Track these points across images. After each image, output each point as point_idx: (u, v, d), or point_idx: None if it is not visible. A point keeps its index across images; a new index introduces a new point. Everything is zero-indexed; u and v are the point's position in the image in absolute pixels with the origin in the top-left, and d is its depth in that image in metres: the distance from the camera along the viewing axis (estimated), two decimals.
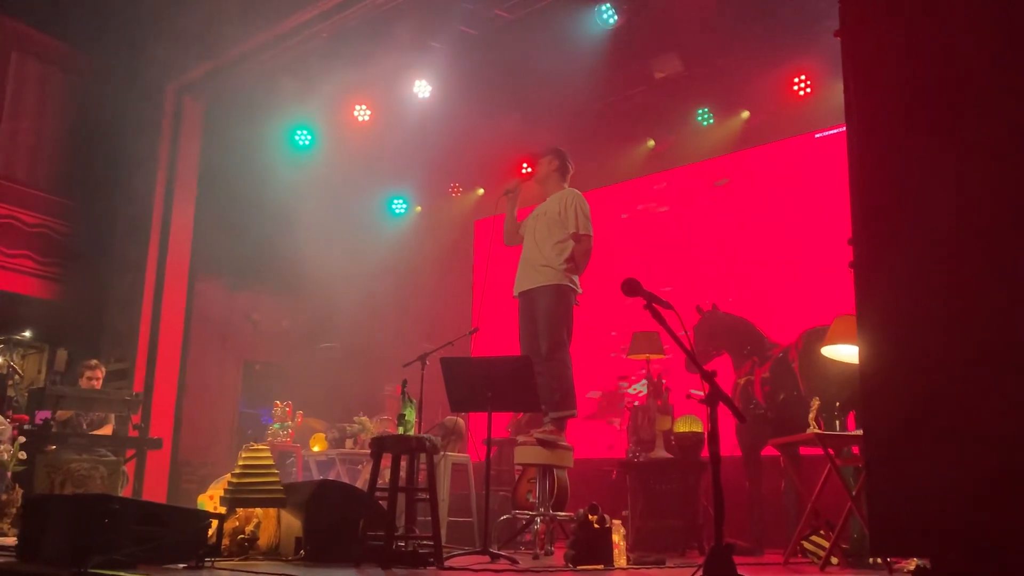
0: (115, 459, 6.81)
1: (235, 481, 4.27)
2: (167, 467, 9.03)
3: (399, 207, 11.27)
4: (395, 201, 11.24)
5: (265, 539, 4.28)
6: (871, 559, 4.46)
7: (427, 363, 5.62)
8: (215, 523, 3.86)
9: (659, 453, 6.12)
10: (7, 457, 5.85)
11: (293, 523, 4.30)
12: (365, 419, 7.66)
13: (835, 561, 4.49)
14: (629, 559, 4.37)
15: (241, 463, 4.34)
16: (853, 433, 4.70)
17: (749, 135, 8.54)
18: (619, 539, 4.24)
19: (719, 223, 8.56)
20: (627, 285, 2.84)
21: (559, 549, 4.95)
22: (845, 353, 4.68)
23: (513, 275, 5.79)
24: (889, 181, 2.03)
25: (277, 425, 7.96)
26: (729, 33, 7.98)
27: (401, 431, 4.29)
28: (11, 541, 4.48)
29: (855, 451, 4.78)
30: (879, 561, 4.36)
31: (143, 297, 9.28)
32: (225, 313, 10.43)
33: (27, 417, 6.63)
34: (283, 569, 3.51)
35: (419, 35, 8.33)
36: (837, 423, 4.86)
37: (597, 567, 4.06)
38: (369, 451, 4.40)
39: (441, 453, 5.93)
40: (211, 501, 5.15)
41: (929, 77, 2.00)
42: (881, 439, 1.94)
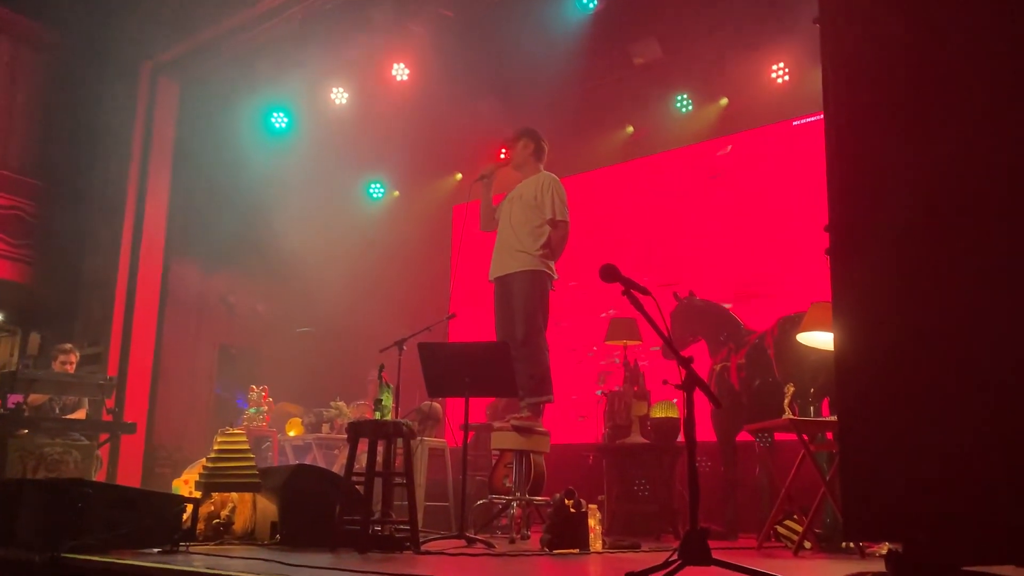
0: (89, 443, 6.76)
1: (210, 466, 4.25)
2: (141, 452, 8.97)
3: (376, 191, 11.22)
4: (372, 185, 11.19)
5: (240, 524, 4.27)
6: (844, 543, 4.51)
7: (404, 348, 5.60)
8: (190, 508, 3.84)
9: (635, 438, 6.15)
10: None
11: (269, 508, 4.29)
12: (342, 404, 7.65)
13: (808, 545, 4.53)
14: (605, 543, 4.39)
15: (216, 447, 4.32)
16: (827, 419, 4.74)
17: (727, 122, 8.56)
18: (595, 523, 4.27)
19: (697, 210, 8.59)
20: (605, 271, 2.84)
21: (535, 533, 4.97)
22: (820, 340, 4.71)
23: (489, 260, 5.78)
24: (866, 169, 2.04)
25: (253, 410, 7.92)
26: (708, 20, 7.99)
27: (378, 416, 4.28)
28: None
29: (829, 437, 4.82)
30: (851, 545, 4.41)
31: (117, 280, 9.19)
32: (200, 296, 10.35)
33: None
34: (258, 554, 3.50)
35: (397, 17, 8.27)
36: (812, 409, 4.91)
37: (573, 551, 4.08)
38: (346, 436, 4.39)
39: (418, 438, 5.93)
40: (186, 486, 5.13)
41: (906, 65, 2.01)
42: (854, 425, 1.96)
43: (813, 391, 4.97)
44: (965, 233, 1.84)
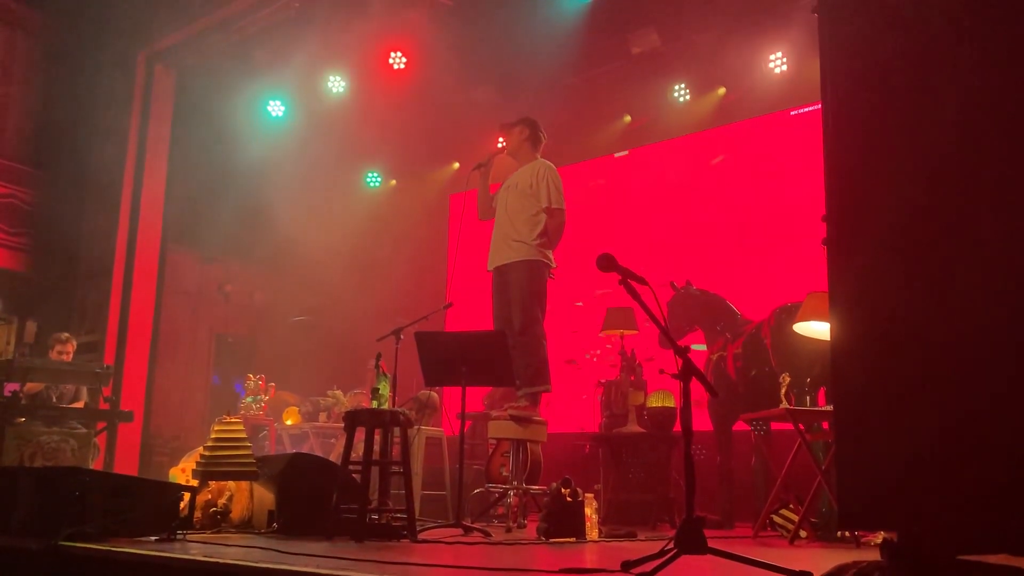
0: (86, 432, 6.76)
1: (207, 454, 4.25)
2: (138, 440, 8.98)
3: (373, 180, 11.20)
4: (369, 174, 11.17)
5: (237, 512, 4.27)
6: (839, 532, 4.53)
7: (401, 337, 5.60)
8: (187, 496, 3.85)
9: (632, 427, 6.16)
10: None
11: (266, 496, 4.29)
12: (339, 393, 7.65)
13: (804, 534, 4.55)
14: (601, 532, 4.41)
15: (214, 436, 4.33)
16: (823, 408, 4.75)
17: (725, 111, 8.55)
18: (591, 512, 4.28)
19: (694, 199, 8.59)
20: (602, 260, 2.84)
21: (532, 522, 4.99)
22: (817, 330, 4.72)
23: (487, 249, 5.77)
24: (864, 159, 2.04)
25: (250, 398, 7.93)
26: (706, 9, 7.97)
27: (375, 405, 4.29)
28: None
29: (825, 426, 4.84)
30: (847, 535, 4.43)
31: (114, 268, 9.18)
32: (197, 285, 10.36)
33: None
34: (255, 542, 3.51)
35: (394, 5, 8.24)
36: (808, 399, 4.92)
37: (569, 540, 4.09)
38: (343, 424, 4.40)
39: (415, 427, 5.94)
40: (183, 474, 5.13)
41: (906, 55, 2.01)
42: (850, 414, 1.96)
43: (809, 381, 4.98)
44: (963, 224, 1.84)
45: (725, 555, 2.47)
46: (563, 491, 4.19)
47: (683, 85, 8.72)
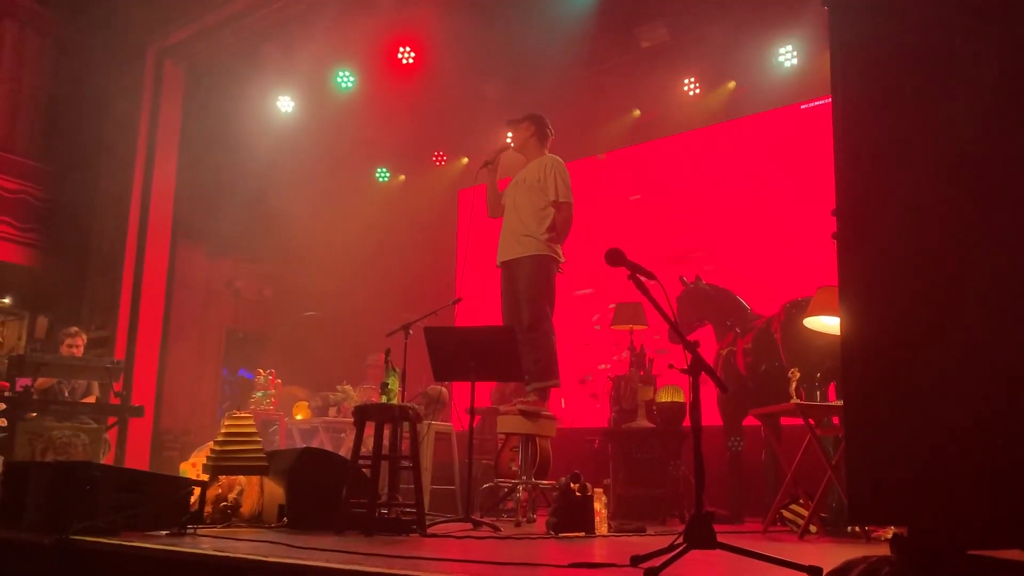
0: (97, 427, 6.80)
1: (218, 449, 4.27)
2: (149, 435, 9.01)
3: (382, 175, 11.20)
4: (378, 169, 11.17)
5: (248, 506, 4.29)
6: (849, 528, 4.52)
7: (410, 332, 5.61)
8: (197, 490, 3.86)
9: (641, 422, 6.16)
10: None
11: (276, 490, 4.31)
12: (348, 387, 7.67)
13: (814, 530, 4.54)
14: (610, 527, 4.41)
15: (224, 431, 4.34)
16: (833, 404, 4.74)
17: (735, 105, 8.52)
18: (600, 507, 4.28)
19: (704, 194, 8.56)
20: (611, 255, 2.84)
21: (541, 517, 4.99)
22: (827, 324, 4.71)
23: (496, 244, 5.78)
24: (874, 153, 2.03)
25: (260, 393, 7.96)
26: (716, 2, 7.93)
27: (384, 400, 4.29)
28: None
29: (835, 421, 4.82)
30: (857, 529, 4.42)
31: (124, 264, 9.21)
32: (207, 280, 10.38)
33: (7, 384, 6.60)
34: (266, 536, 3.51)
35: (402, 0, 8.23)
36: (818, 394, 4.90)
37: (579, 535, 4.09)
38: (352, 419, 4.40)
39: (424, 422, 5.95)
40: (194, 469, 5.15)
41: (917, 48, 1.99)
42: (860, 409, 1.96)
43: (819, 376, 4.97)
44: (974, 218, 1.83)
45: (734, 550, 2.47)
46: (572, 486, 4.19)
47: (692, 79, 8.69)
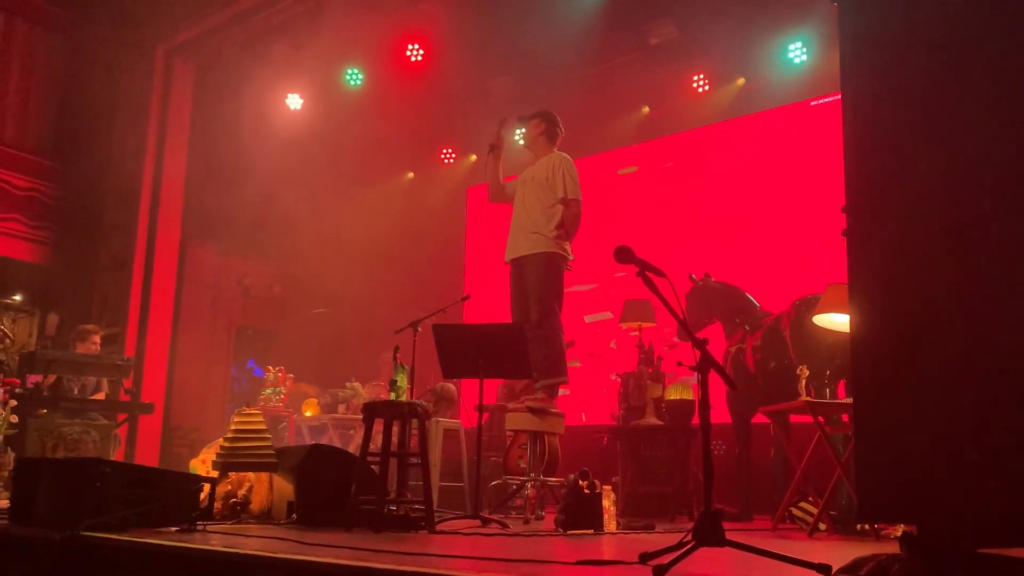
0: (107, 423, 6.83)
1: (227, 445, 4.27)
2: (159, 432, 9.05)
3: (394, 172, 11.20)
4: (390, 166, 11.17)
5: (257, 503, 4.30)
6: (859, 525, 4.50)
7: (419, 329, 5.61)
8: (207, 487, 3.87)
9: (650, 420, 6.15)
10: None
11: (285, 487, 4.31)
12: (357, 384, 7.69)
13: (823, 527, 4.53)
14: (619, 524, 4.41)
15: (233, 427, 4.35)
16: (843, 401, 4.72)
17: (744, 102, 8.50)
18: (609, 504, 4.27)
19: (713, 191, 8.54)
20: (620, 252, 2.83)
21: (550, 514, 4.99)
22: (837, 322, 4.69)
23: (505, 241, 5.78)
24: (884, 150, 2.02)
25: (269, 390, 7.98)
26: None
27: (393, 397, 4.30)
28: (3, 504, 4.49)
29: (845, 419, 4.81)
30: (866, 527, 4.41)
31: (134, 261, 9.25)
32: (216, 278, 10.41)
33: (18, 381, 6.63)
34: (275, 532, 3.52)
35: None
36: (827, 391, 4.89)
37: (587, 532, 4.09)
38: (361, 416, 4.41)
39: (433, 419, 5.95)
40: (203, 465, 5.16)
41: (927, 44, 1.99)
42: (870, 407, 1.95)
43: (829, 373, 4.95)
44: (984, 215, 1.82)
45: (743, 547, 2.46)
46: (581, 483, 4.19)
47: (702, 76, 8.67)
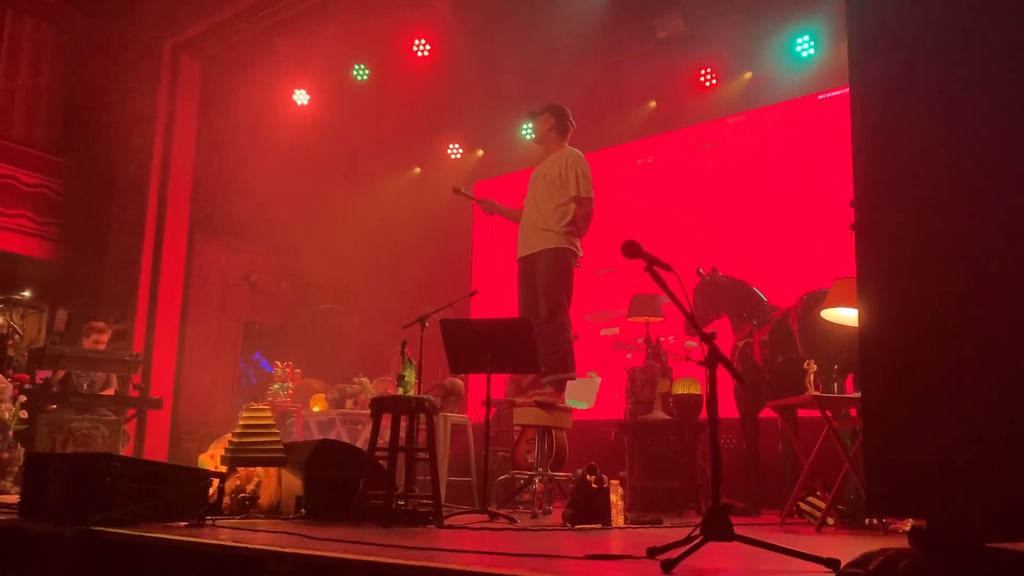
0: (116, 419, 6.86)
1: (236, 440, 4.29)
2: (167, 427, 9.09)
3: (400, 167, 11.20)
4: (396, 162, 11.17)
5: (266, 498, 4.31)
6: (867, 520, 4.50)
7: (427, 325, 5.62)
8: (216, 482, 3.89)
9: (657, 414, 6.15)
10: (8, 416, 5.88)
11: (294, 482, 4.33)
12: (365, 380, 7.69)
13: (831, 522, 4.53)
14: (627, 519, 4.41)
15: (242, 423, 4.36)
16: (851, 395, 4.72)
17: (751, 96, 8.48)
18: (617, 499, 4.28)
19: (721, 185, 8.53)
20: (627, 247, 2.83)
21: (557, 509, 5.00)
22: (845, 316, 4.68)
23: (512, 237, 5.78)
24: (893, 143, 2.02)
25: (277, 385, 8.00)
26: None
27: (401, 392, 4.30)
28: (14, 499, 4.51)
29: (853, 413, 4.80)
30: (875, 522, 4.40)
31: (142, 257, 9.27)
32: (224, 274, 10.43)
33: (28, 377, 6.67)
34: (284, 527, 3.54)
35: None
36: (835, 386, 4.88)
37: (595, 526, 4.10)
38: (369, 411, 4.42)
39: (440, 414, 5.96)
40: (212, 460, 5.18)
41: (936, 37, 1.98)
42: (878, 401, 1.94)
43: (837, 367, 4.94)
44: (995, 208, 1.81)
45: (751, 542, 2.46)
46: (588, 478, 4.19)
47: (709, 70, 8.64)
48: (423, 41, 8.99)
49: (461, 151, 10.70)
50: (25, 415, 6.04)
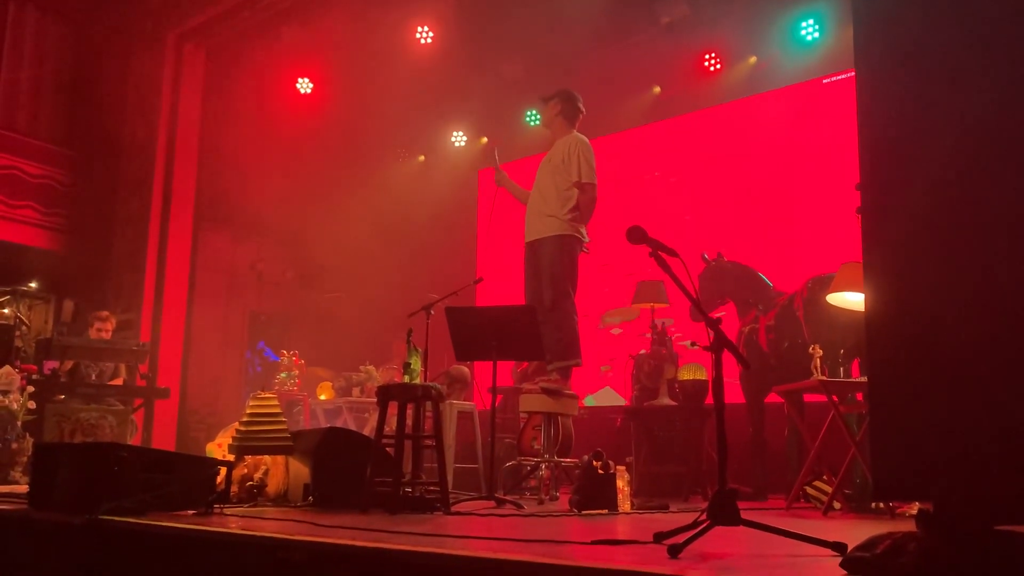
0: (124, 408, 6.88)
1: (243, 429, 4.30)
2: (175, 416, 9.11)
3: (405, 155, 11.18)
4: (401, 150, 11.15)
5: (274, 486, 4.32)
6: (873, 504, 4.50)
7: (432, 312, 5.62)
8: (223, 470, 3.90)
9: (663, 400, 6.15)
10: (17, 407, 5.90)
11: (301, 470, 4.34)
12: (371, 368, 7.71)
13: (838, 506, 4.53)
14: (633, 504, 4.42)
15: (249, 411, 4.37)
16: (857, 380, 4.71)
17: (756, 81, 8.44)
18: (623, 485, 4.28)
19: (726, 171, 8.50)
20: (632, 232, 2.82)
21: (564, 495, 5.01)
22: (851, 300, 4.67)
23: (516, 224, 5.78)
24: (898, 126, 2.01)
25: (284, 374, 8.02)
26: None
27: (407, 380, 4.31)
28: (23, 489, 4.54)
29: (859, 398, 4.80)
30: (881, 506, 4.40)
31: (148, 247, 9.29)
32: (230, 263, 10.44)
33: (35, 367, 6.69)
34: (292, 515, 3.55)
35: None
36: (841, 370, 4.88)
37: (601, 512, 4.10)
38: (375, 399, 4.43)
39: (447, 401, 5.96)
40: (220, 449, 5.19)
41: (942, 18, 1.96)
42: (885, 385, 1.94)
43: (843, 352, 4.93)
44: (1002, 191, 1.80)
45: (758, 526, 2.46)
46: (595, 464, 4.20)
47: (713, 55, 8.61)
48: (426, 28, 8.96)
49: (465, 139, 10.68)
50: (33, 406, 6.07)
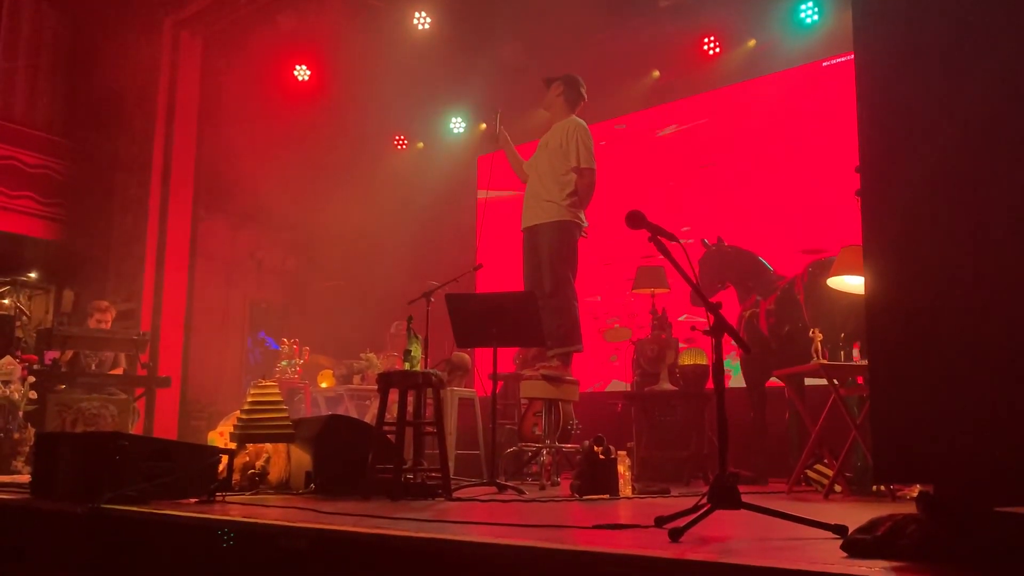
0: (125, 398, 6.89)
1: (244, 417, 4.30)
2: (176, 405, 9.13)
3: (401, 142, 11.16)
4: (397, 137, 11.12)
5: (275, 474, 4.33)
6: (874, 486, 4.51)
7: (432, 299, 5.62)
8: (225, 459, 3.91)
9: (664, 385, 6.16)
10: (18, 397, 5.91)
11: (303, 458, 4.35)
12: (372, 355, 7.72)
13: (838, 489, 4.54)
14: (634, 489, 4.43)
15: (250, 399, 4.37)
16: (858, 363, 4.71)
17: (755, 64, 8.41)
18: (624, 470, 4.29)
19: (725, 154, 8.48)
20: (631, 217, 2.81)
21: (565, 480, 5.02)
22: (851, 284, 4.67)
23: (516, 211, 5.77)
24: (898, 109, 2.00)
25: (285, 362, 8.03)
26: None
27: (407, 367, 4.31)
28: (25, 478, 4.55)
29: (859, 381, 4.80)
30: (882, 488, 4.41)
31: (147, 236, 9.28)
32: (230, 252, 10.44)
33: (36, 357, 6.69)
34: (294, 502, 3.56)
35: None
36: (841, 354, 4.88)
37: (603, 497, 4.11)
38: (376, 387, 4.43)
39: (447, 388, 5.97)
40: (221, 437, 5.20)
41: (941, 1, 1.95)
42: (885, 368, 1.94)
43: (843, 336, 4.93)
44: (1001, 174, 1.80)
45: (759, 510, 2.47)
46: (596, 449, 4.21)
47: (712, 38, 8.57)
48: (423, 14, 8.93)
49: (464, 125, 10.64)
50: (34, 395, 6.07)
